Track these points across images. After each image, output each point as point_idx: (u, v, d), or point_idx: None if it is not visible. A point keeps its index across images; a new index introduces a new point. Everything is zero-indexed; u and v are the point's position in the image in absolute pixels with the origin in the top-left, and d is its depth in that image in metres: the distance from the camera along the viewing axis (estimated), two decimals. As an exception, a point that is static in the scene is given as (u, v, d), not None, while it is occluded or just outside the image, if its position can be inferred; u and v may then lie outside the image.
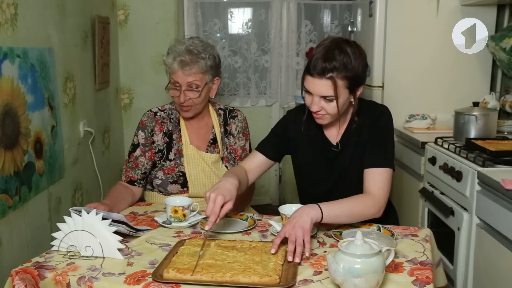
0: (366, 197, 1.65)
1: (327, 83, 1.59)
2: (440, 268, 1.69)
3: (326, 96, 1.62)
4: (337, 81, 1.59)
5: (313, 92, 1.64)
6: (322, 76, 1.59)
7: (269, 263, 1.37)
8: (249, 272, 1.30)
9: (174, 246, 1.52)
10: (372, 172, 1.68)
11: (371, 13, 3.05)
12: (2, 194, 1.79)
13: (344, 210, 1.58)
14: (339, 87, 1.60)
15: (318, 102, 1.64)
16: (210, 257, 1.40)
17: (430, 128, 2.83)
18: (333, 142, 1.80)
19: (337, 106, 1.63)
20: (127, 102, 3.50)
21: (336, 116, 1.69)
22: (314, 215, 1.49)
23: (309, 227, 1.46)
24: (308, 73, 1.63)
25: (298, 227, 1.44)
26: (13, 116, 1.87)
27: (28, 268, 1.39)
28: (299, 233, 1.43)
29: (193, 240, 1.55)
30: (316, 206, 1.52)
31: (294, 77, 4.12)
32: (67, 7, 2.45)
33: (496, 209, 1.86)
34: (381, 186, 1.66)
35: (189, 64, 1.95)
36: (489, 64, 3.00)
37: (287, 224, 1.48)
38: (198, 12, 3.92)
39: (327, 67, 1.58)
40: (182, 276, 1.30)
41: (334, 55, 1.59)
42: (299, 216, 1.48)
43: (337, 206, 1.57)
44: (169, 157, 2.06)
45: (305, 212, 1.49)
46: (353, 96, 1.68)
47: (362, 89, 1.71)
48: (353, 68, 1.60)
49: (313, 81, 1.62)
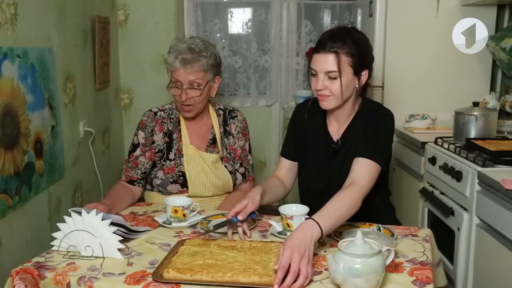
0: (354, 193, 1.56)
1: (331, 57, 1.65)
2: (440, 268, 1.69)
3: (330, 72, 1.65)
4: (341, 56, 1.65)
5: (318, 68, 1.68)
6: (327, 51, 1.65)
7: (269, 263, 1.37)
8: (249, 272, 1.30)
9: (174, 246, 1.52)
10: (362, 162, 1.65)
11: (371, 13, 3.05)
12: (2, 194, 1.79)
13: (340, 218, 1.49)
14: (343, 63, 1.65)
15: (322, 80, 1.67)
16: (210, 257, 1.40)
17: (430, 128, 2.83)
18: (334, 139, 1.81)
19: (341, 85, 1.65)
20: (127, 102, 3.50)
21: (340, 99, 1.70)
22: (316, 236, 1.38)
23: (312, 253, 1.35)
24: (314, 51, 1.70)
25: (303, 260, 1.30)
26: (13, 116, 1.87)
27: (28, 268, 1.39)
28: (303, 270, 1.29)
29: (193, 240, 1.55)
30: (315, 224, 1.40)
31: (294, 77, 4.11)
32: (67, 7, 2.45)
33: (496, 209, 1.86)
34: (368, 178, 1.62)
35: (190, 62, 1.95)
36: (489, 64, 2.99)
37: (289, 250, 1.31)
38: (198, 12, 3.91)
39: (333, 44, 1.65)
40: (182, 276, 1.30)
41: (339, 35, 1.68)
42: (304, 236, 1.36)
43: (333, 216, 1.47)
44: (169, 157, 2.06)
45: (308, 236, 1.36)
46: (358, 80, 1.70)
47: (367, 76, 1.73)
48: (357, 47, 1.67)
49: (318, 57, 1.68)
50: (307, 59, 3.99)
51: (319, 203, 1.53)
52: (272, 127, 4.17)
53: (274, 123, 4.18)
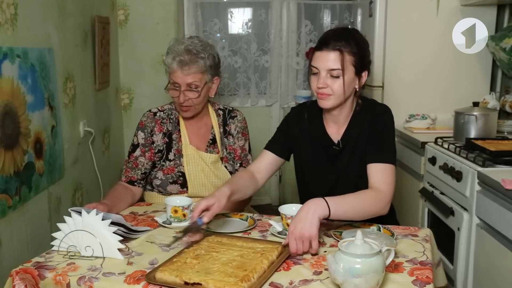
0: (373, 192, 1.62)
1: (335, 55, 1.64)
2: (440, 268, 1.69)
3: (333, 70, 1.64)
4: (345, 54, 1.64)
5: (320, 66, 1.66)
6: (330, 49, 1.64)
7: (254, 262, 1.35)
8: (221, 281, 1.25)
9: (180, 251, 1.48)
10: (376, 167, 1.67)
11: (371, 13, 3.06)
12: (2, 194, 1.79)
13: (352, 206, 1.53)
14: (346, 61, 1.64)
15: (324, 78, 1.66)
16: (195, 257, 1.39)
17: (430, 128, 2.83)
18: (334, 141, 1.80)
19: (343, 83, 1.65)
20: (127, 102, 3.50)
21: (340, 98, 1.69)
22: (321, 213, 1.44)
23: (317, 230, 1.42)
24: (317, 49, 1.69)
25: (306, 234, 1.41)
26: (13, 116, 1.87)
27: (28, 268, 1.39)
28: (306, 244, 1.42)
29: (200, 244, 1.51)
30: (323, 201, 1.46)
31: (294, 77, 4.12)
32: (67, 7, 2.45)
33: (496, 209, 1.86)
34: (387, 182, 1.64)
35: (188, 63, 1.95)
36: (489, 64, 3.00)
37: (293, 226, 1.43)
38: (198, 12, 3.92)
39: (336, 42, 1.65)
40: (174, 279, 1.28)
41: (343, 34, 1.68)
42: (305, 217, 1.43)
43: (344, 202, 1.52)
44: (169, 157, 2.06)
45: (311, 211, 1.44)
46: (358, 80, 1.70)
47: (366, 77, 1.73)
48: (359, 47, 1.67)
49: (320, 54, 1.66)
50: (308, 59, 4.03)
51: None
52: (272, 127, 4.17)
53: (274, 123, 4.18)
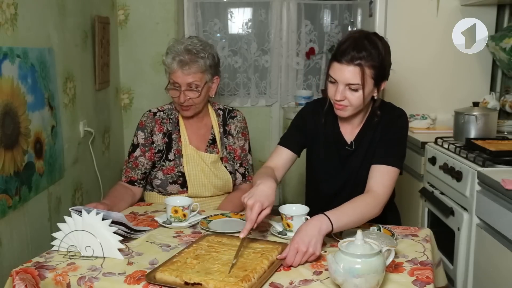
0: (369, 198, 1.60)
1: (355, 70, 1.59)
2: (440, 268, 1.69)
3: (352, 84, 1.60)
4: (365, 69, 1.59)
5: (339, 79, 1.62)
6: (350, 62, 1.59)
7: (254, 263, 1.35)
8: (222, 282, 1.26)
9: (181, 251, 1.48)
10: (379, 169, 1.66)
11: (371, 13, 3.05)
12: (2, 194, 1.79)
13: (353, 218, 1.52)
14: (366, 76, 1.60)
15: (342, 91, 1.63)
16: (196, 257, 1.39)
17: (430, 128, 2.83)
18: (348, 141, 1.78)
19: (363, 97, 1.62)
20: (127, 102, 3.50)
21: (358, 108, 1.67)
22: (326, 230, 1.44)
23: (320, 248, 1.42)
24: (335, 60, 1.62)
25: (310, 250, 1.39)
26: (13, 116, 1.87)
27: (28, 268, 1.39)
28: (305, 259, 1.41)
29: (199, 244, 1.51)
30: (326, 218, 1.45)
31: (294, 77, 4.12)
32: (67, 7, 2.45)
33: (496, 209, 1.86)
34: (386, 185, 1.64)
35: (188, 63, 1.95)
36: (489, 64, 3.00)
37: (299, 239, 1.40)
38: (198, 12, 3.92)
39: (357, 54, 1.58)
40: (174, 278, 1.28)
41: (364, 45, 1.60)
42: (311, 234, 1.41)
43: (344, 214, 1.50)
44: (169, 157, 2.06)
45: (317, 228, 1.42)
46: (377, 90, 1.68)
47: (385, 85, 1.70)
48: (380, 59, 1.61)
49: (340, 67, 1.60)
50: (308, 59, 4.03)
51: (330, 206, 1.53)
52: (272, 127, 4.17)
53: (274, 123, 4.18)
